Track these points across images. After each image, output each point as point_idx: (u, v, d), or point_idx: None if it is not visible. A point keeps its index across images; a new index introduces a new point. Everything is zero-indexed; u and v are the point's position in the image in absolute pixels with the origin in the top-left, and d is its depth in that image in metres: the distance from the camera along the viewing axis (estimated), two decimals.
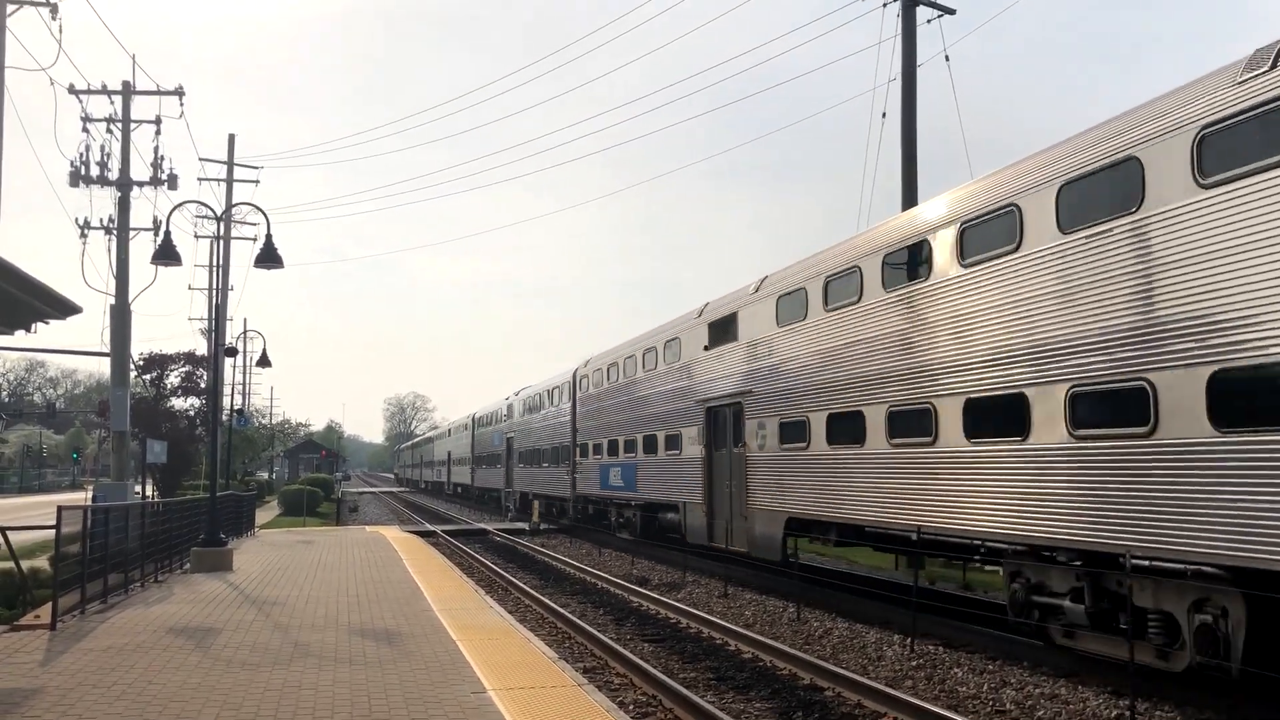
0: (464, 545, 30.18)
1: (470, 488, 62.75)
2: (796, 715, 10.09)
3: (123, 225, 28.08)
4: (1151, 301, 9.98)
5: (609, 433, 30.37)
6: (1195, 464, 9.35)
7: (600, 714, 8.48)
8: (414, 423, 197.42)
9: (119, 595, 15.85)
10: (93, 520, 14.31)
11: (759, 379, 19.31)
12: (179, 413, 41.70)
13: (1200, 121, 9.65)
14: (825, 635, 14.48)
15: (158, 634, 12.41)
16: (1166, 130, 10.03)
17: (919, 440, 13.87)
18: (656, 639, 14.57)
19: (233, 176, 40.27)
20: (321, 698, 8.97)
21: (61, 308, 13.84)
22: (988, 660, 12.37)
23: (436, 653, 11.11)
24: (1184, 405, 9.49)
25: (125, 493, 25.96)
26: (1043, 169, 11.75)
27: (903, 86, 22.68)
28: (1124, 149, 10.55)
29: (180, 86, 29.67)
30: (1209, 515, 9.16)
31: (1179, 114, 9.94)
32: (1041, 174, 11.70)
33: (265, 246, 20.27)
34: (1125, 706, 9.64)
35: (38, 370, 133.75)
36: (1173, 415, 9.61)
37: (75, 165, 27.89)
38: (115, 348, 26.94)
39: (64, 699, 8.93)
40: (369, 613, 14.18)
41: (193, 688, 9.37)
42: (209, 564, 20.17)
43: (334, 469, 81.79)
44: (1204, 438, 9.26)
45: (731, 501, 20.63)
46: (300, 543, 28.12)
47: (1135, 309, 10.17)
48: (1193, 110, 9.78)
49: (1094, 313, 10.69)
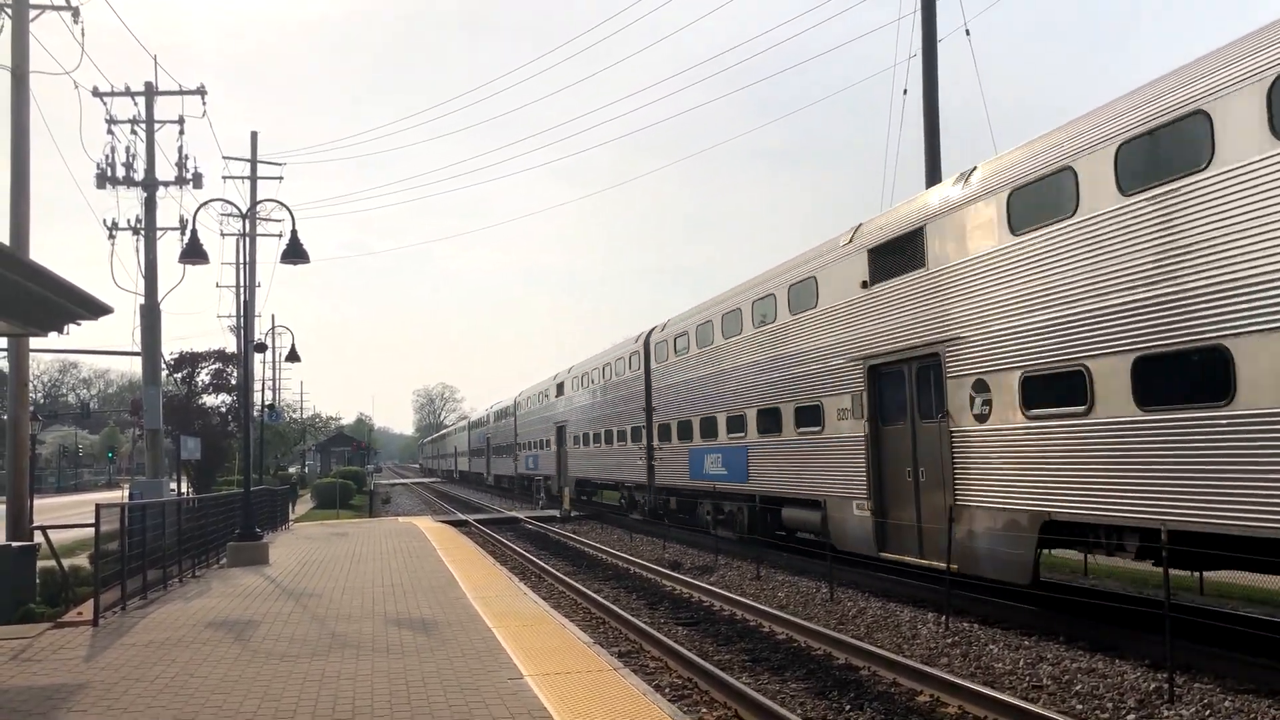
0: (496, 534, 30.35)
1: (514, 478, 58.64)
2: (832, 695, 10.10)
3: (150, 225, 28.27)
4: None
5: (701, 408, 24.80)
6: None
7: (637, 698, 8.52)
8: (443, 413, 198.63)
9: (158, 591, 16.05)
10: (130, 517, 14.50)
11: (973, 318, 13.55)
12: (211, 409, 42.06)
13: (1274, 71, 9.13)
14: (859, 615, 14.48)
15: (197, 628, 12.57)
16: (1236, 81, 9.53)
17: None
18: (690, 622, 14.61)
19: (256, 174, 40.49)
20: (360, 687, 9.06)
21: (93, 308, 13.98)
22: (1023, 636, 12.33)
23: (473, 640, 11.20)
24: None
25: (161, 490, 26.23)
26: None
27: (923, 62, 22.50)
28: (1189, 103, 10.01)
29: (202, 86, 29.83)
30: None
31: (1249, 63, 9.46)
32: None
33: (290, 242, 20.41)
34: (1164, 679, 9.59)
35: (71, 371, 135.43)
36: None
37: (101, 167, 28.08)
38: (146, 347, 27.18)
39: (109, 693, 9.07)
40: (405, 602, 14.29)
41: (233, 680, 9.50)
42: (245, 558, 20.38)
43: (365, 461, 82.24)
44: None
45: (918, 496, 14.94)
46: (334, 535, 28.37)
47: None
48: (1266, 58, 9.28)
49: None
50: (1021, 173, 12.73)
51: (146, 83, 28.79)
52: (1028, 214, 12.54)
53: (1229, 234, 9.65)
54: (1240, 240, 9.53)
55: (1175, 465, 10.26)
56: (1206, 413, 9.91)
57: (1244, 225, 9.49)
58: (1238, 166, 9.61)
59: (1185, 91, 10.26)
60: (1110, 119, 11.37)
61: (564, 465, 42.79)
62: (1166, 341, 10.35)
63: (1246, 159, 9.50)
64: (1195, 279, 10.00)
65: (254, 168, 40.39)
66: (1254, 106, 9.42)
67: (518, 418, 56.33)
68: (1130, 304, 10.80)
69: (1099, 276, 11.24)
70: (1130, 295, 10.80)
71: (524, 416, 54.35)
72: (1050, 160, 12.19)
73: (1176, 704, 9.12)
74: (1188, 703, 9.14)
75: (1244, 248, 9.48)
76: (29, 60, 19.02)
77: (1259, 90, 9.40)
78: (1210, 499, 9.83)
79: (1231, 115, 9.69)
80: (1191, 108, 10.16)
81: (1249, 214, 9.45)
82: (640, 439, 30.45)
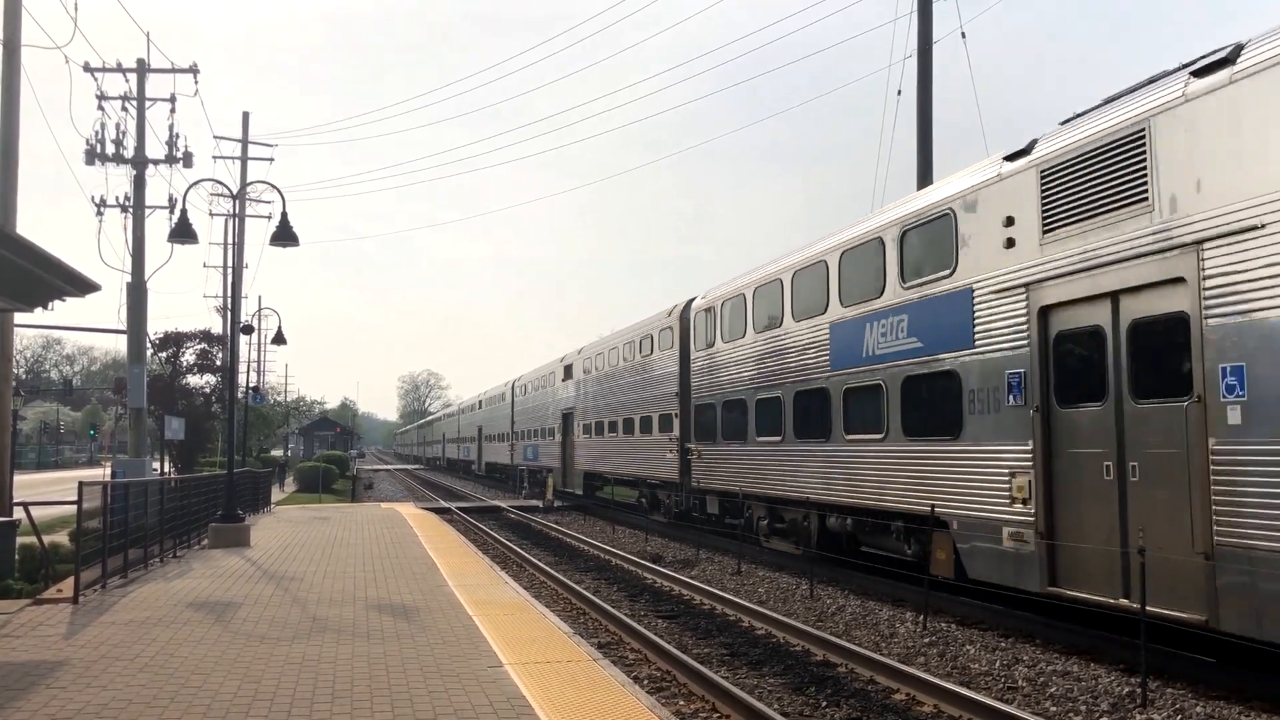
0: (478, 522, 30.35)
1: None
2: (809, 690, 10.17)
3: (138, 203, 28.18)
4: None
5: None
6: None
7: (615, 689, 8.57)
8: (428, 400, 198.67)
9: (139, 570, 16.02)
10: (113, 496, 14.48)
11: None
12: (195, 390, 41.88)
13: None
14: (838, 612, 14.56)
15: (178, 608, 12.56)
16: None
17: None
18: (670, 615, 14.68)
19: (247, 154, 40.45)
20: (340, 670, 9.09)
21: (80, 285, 13.94)
22: (1000, 637, 12.43)
23: (453, 627, 11.23)
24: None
25: (143, 469, 26.17)
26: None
27: (918, 63, 22.57)
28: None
29: (195, 64, 29.74)
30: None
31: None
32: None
33: (280, 224, 20.36)
34: (1137, 683, 9.69)
35: (54, 347, 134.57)
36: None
37: (91, 143, 27.97)
38: (132, 325, 27.10)
39: (88, 670, 9.07)
40: (386, 588, 14.31)
41: (213, 660, 9.51)
42: (227, 540, 20.35)
43: (348, 446, 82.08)
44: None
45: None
46: (316, 519, 28.33)
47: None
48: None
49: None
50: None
51: (139, 59, 28.70)
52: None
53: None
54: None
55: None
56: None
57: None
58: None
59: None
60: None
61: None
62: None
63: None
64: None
65: (245, 148, 40.33)
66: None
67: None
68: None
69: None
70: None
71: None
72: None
73: (1149, 708, 9.22)
74: (1160, 707, 9.24)
75: None
76: (20, 32, 18.91)
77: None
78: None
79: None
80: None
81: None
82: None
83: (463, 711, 7.72)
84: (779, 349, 19.30)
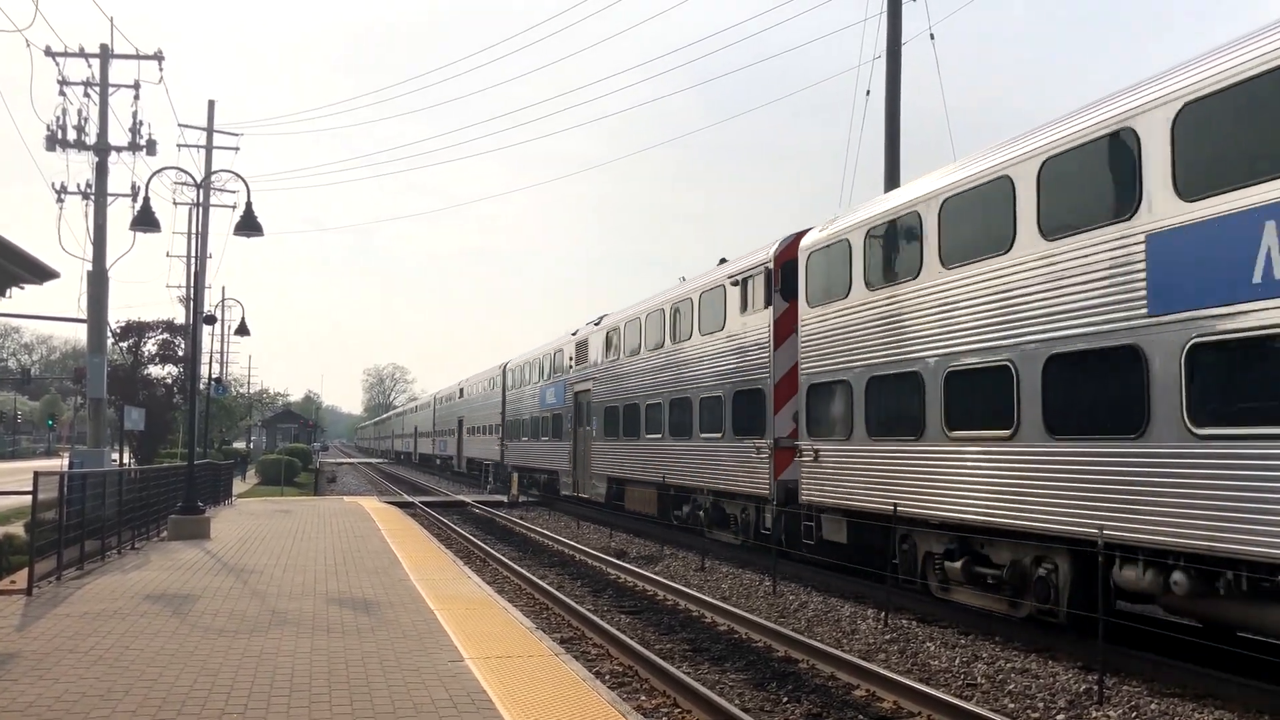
0: (442, 517, 30.21)
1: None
2: (770, 686, 10.20)
3: (100, 190, 27.77)
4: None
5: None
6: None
7: (577, 684, 8.55)
8: (393, 394, 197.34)
9: (95, 562, 15.81)
10: (70, 486, 14.28)
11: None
12: (157, 380, 41.37)
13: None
14: (800, 609, 14.62)
15: (135, 600, 12.40)
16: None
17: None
18: (634, 611, 14.67)
19: (212, 143, 40.00)
20: (299, 664, 9.00)
21: (38, 273, 13.74)
22: (960, 635, 12.53)
23: (414, 622, 11.16)
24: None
25: (102, 460, 25.82)
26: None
27: (887, 64, 22.65)
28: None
29: (159, 51, 29.35)
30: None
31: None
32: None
33: (245, 214, 20.17)
34: (1094, 680, 9.79)
35: (11, 336, 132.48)
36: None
37: (52, 129, 27.53)
38: (92, 314, 26.72)
39: (41, 663, 8.93)
40: (347, 582, 14.20)
41: (170, 653, 9.39)
42: (186, 532, 20.14)
43: (312, 439, 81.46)
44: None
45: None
46: (278, 512, 28.09)
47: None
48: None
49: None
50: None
51: (102, 45, 28.27)
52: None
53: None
54: None
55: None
56: None
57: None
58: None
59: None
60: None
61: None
62: None
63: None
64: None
65: (210, 137, 39.89)
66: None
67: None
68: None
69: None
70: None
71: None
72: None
73: (1105, 705, 9.32)
74: (1116, 704, 9.35)
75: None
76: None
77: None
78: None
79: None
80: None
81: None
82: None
83: (423, 706, 7.67)
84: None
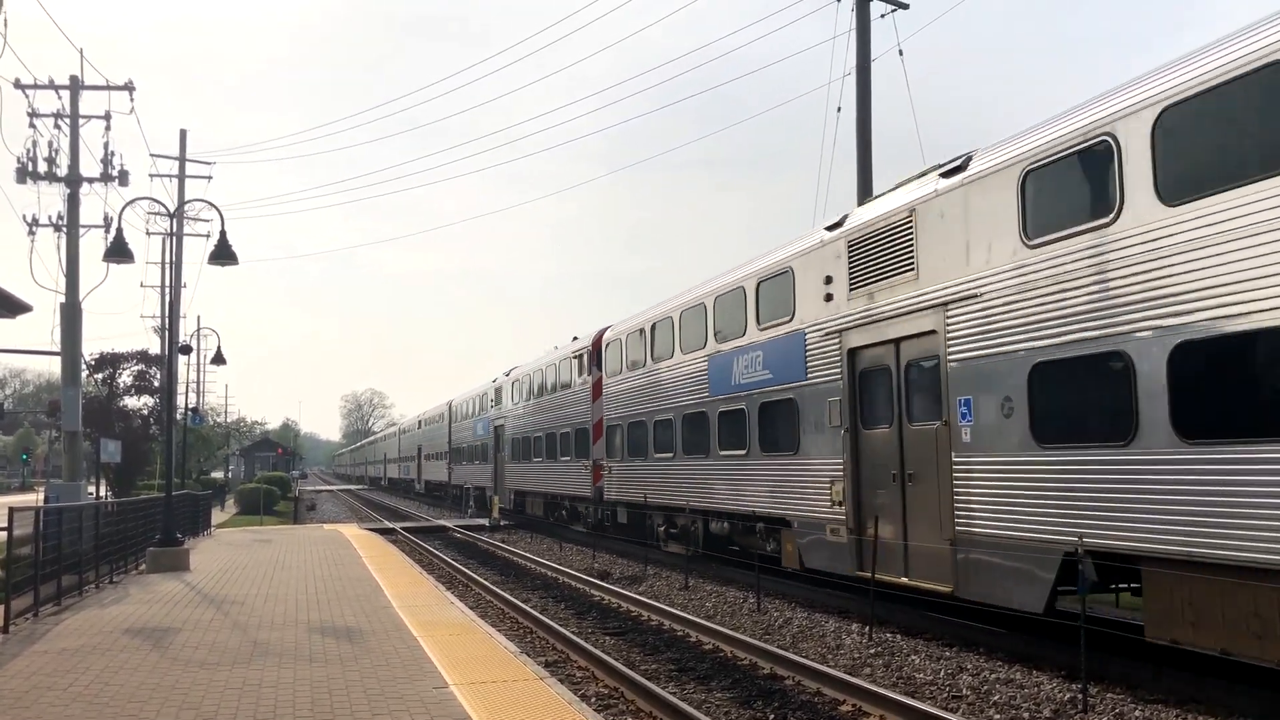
0: (423, 542, 30.05)
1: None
2: (757, 704, 10.18)
3: (73, 222, 27.65)
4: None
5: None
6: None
7: (563, 707, 8.52)
8: (371, 419, 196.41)
9: (73, 597, 15.64)
10: (45, 521, 14.12)
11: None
12: (132, 412, 41.06)
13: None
14: (785, 625, 14.61)
15: (114, 635, 12.28)
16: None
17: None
18: (618, 632, 14.63)
19: (185, 173, 39.79)
20: (282, 695, 8.93)
21: (10, 306, 13.64)
22: (944, 647, 12.55)
23: (398, 649, 11.09)
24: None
25: (78, 493, 25.60)
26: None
27: (857, 81, 22.84)
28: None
29: (130, 81, 29.28)
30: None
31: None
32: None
33: (219, 243, 20.09)
34: (1078, 689, 9.83)
35: None
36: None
37: (22, 161, 27.40)
38: (66, 346, 26.53)
39: (19, 701, 8.82)
40: (329, 611, 14.10)
41: (151, 688, 9.30)
42: (165, 564, 19.96)
43: (290, 467, 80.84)
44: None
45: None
46: (258, 541, 27.88)
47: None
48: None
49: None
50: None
51: (72, 76, 28.20)
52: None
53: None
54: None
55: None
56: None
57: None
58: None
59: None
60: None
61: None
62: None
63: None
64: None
65: (183, 166, 39.71)
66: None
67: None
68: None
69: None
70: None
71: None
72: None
73: (1090, 713, 9.36)
74: (1100, 712, 9.39)
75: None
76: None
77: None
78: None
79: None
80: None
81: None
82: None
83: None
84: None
